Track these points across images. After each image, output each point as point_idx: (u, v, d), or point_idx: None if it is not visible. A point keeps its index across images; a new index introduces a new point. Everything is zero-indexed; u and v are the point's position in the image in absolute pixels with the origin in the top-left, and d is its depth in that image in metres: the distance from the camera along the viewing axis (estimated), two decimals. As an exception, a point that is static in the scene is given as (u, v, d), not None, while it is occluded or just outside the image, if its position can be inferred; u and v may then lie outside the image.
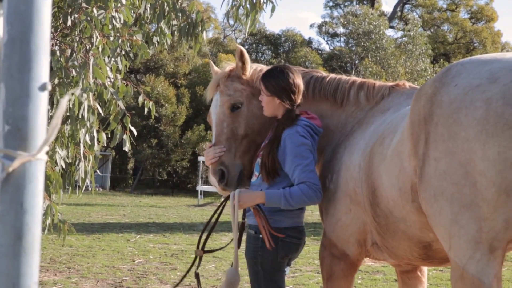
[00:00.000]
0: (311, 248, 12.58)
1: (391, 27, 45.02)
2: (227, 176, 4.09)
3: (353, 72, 38.11)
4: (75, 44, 5.54)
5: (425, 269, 4.28)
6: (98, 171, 5.85)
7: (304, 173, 3.76)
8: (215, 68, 4.53)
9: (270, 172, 3.85)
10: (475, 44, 53.29)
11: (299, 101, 3.96)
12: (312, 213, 22.78)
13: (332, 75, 4.33)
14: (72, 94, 4.92)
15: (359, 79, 4.29)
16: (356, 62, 38.99)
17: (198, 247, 4.05)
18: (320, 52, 47.85)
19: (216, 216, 4.08)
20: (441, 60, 42.62)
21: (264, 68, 4.31)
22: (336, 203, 3.84)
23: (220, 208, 4.07)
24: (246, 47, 49.27)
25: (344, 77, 4.31)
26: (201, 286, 4.02)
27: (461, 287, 2.63)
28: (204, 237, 4.08)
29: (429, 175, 2.70)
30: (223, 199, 4.04)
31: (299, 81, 3.97)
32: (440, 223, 2.68)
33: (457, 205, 2.56)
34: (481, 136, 2.48)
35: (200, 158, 26.86)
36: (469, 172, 2.51)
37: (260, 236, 3.80)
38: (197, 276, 4.00)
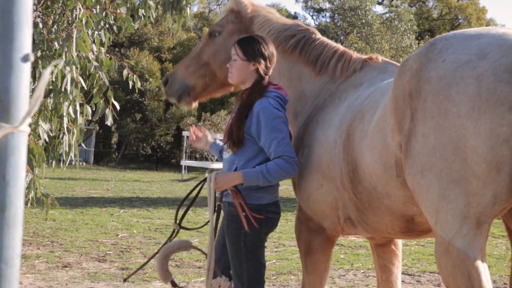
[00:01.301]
0: (294, 223, 12.64)
1: (379, 3, 44.90)
2: (169, 85, 4.51)
3: (338, 48, 38.15)
4: (58, 17, 5.48)
5: (399, 242, 4.30)
6: (82, 144, 5.81)
7: (280, 147, 3.72)
8: None
9: (236, 141, 3.81)
10: (460, 21, 53.30)
11: (270, 72, 3.94)
12: (296, 189, 22.87)
13: (322, 39, 4.33)
14: (55, 66, 4.87)
15: (342, 48, 4.28)
16: (342, 37, 38.87)
17: (175, 221, 4.11)
18: (305, 27, 47.72)
19: (194, 193, 4.09)
20: (426, 36, 42.62)
21: (274, 17, 4.57)
22: (307, 178, 3.87)
23: (197, 189, 4.09)
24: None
25: (330, 43, 4.32)
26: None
27: (446, 262, 2.65)
28: (182, 211, 4.15)
29: (416, 150, 2.69)
30: (201, 180, 4.04)
31: (275, 53, 3.96)
32: (427, 198, 2.68)
33: (446, 180, 2.57)
34: (473, 113, 2.49)
35: (185, 133, 26.84)
36: (459, 148, 2.52)
37: (244, 213, 3.75)
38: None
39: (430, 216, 2.71)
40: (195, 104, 4.61)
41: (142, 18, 6.22)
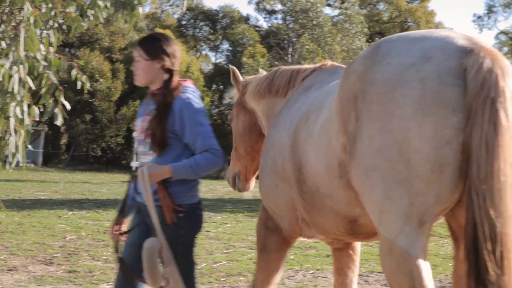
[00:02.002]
0: (245, 224, 12.67)
1: (328, 5, 45.27)
2: (227, 179, 5.31)
3: (290, 50, 38.25)
4: (5, 16, 5.38)
5: (358, 247, 4.36)
6: (29, 146, 5.71)
7: (206, 140, 3.80)
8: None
9: (161, 143, 3.80)
10: (410, 24, 54.13)
11: (177, 67, 4.03)
12: (247, 190, 22.90)
13: (285, 69, 4.71)
14: (1, 66, 4.79)
15: (303, 66, 4.60)
16: (294, 39, 39.07)
17: (112, 230, 3.99)
18: (257, 29, 47.76)
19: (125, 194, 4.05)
20: (377, 38, 43.10)
21: (259, 76, 5.03)
22: (265, 178, 4.00)
23: (129, 185, 4.02)
24: (184, 22, 48.86)
25: (293, 68, 4.67)
26: (127, 268, 3.87)
27: (389, 261, 2.69)
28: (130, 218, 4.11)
29: (361, 152, 2.70)
30: (129, 177, 4.02)
31: (178, 48, 4.10)
32: (371, 198, 2.71)
33: (390, 180, 2.59)
34: (417, 115, 2.52)
35: (135, 134, 26.52)
36: (404, 149, 2.55)
37: (180, 215, 3.78)
38: (120, 260, 3.91)
39: (375, 216, 2.74)
40: (251, 183, 5.24)
41: (92, 18, 6.15)
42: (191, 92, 3.91)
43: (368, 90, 2.70)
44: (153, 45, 3.91)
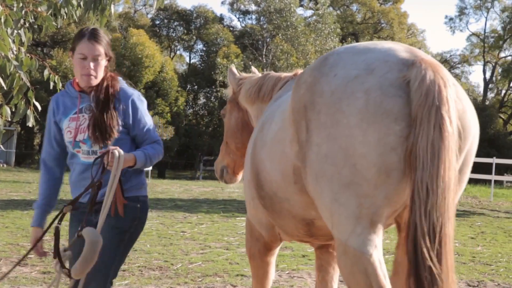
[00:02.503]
0: (220, 224, 12.64)
1: (301, 5, 45.37)
2: (216, 171, 5.49)
3: (264, 50, 38.28)
4: (-24, 14, 5.30)
5: None
6: (1, 146, 5.64)
7: (154, 132, 3.96)
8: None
9: (110, 133, 3.76)
10: (383, 25, 54.54)
11: None
12: (222, 190, 22.85)
13: (272, 75, 4.89)
14: (-28, 66, 4.72)
15: (288, 74, 4.78)
16: (268, 40, 39.10)
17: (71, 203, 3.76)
18: (232, 29, 47.75)
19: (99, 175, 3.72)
20: (349, 39, 43.36)
21: (253, 78, 5.06)
22: (245, 189, 4.03)
23: (101, 168, 3.70)
24: (157, 22, 48.66)
25: (281, 74, 4.86)
26: (58, 242, 3.68)
27: (345, 261, 2.78)
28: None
29: (311, 159, 2.84)
30: (98, 157, 3.72)
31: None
32: (322, 203, 2.83)
33: (336, 185, 2.73)
34: (362, 124, 2.66)
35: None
36: (349, 155, 2.68)
37: (138, 205, 3.86)
38: (56, 230, 3.72)
39: (327, 220, 2.85)
40: (238, 177, 5.41)
41: (65, 17, 6.09)
42: (124, 83, 4.01)
43: (316, 100, 2.83)
44: (107, 42, 3.95)
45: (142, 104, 3.94)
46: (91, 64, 3.78)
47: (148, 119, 3.95)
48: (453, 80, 2.80)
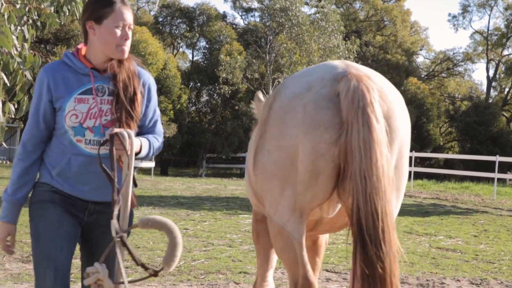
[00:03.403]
0: (223, 222, 12.64)
1: (306, 3, 45.33)
2: None
3: (267, 48, 38.26)
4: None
5: (319, 240, 4.83)
6: (4, 143, 5.64)
7: (160, 125, 3.67)
8: None
9: (134, 118, 3.41)
10: (386, 22, 54.49)
11: None
12: (225, 188, 22.85)
13: None
14: (-25, 62, 4.72)
15: None
16: (271, 37, 39.08)
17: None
18: (234, 26, 47.74)
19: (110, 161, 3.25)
20: (353, 37, 43.30)
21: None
22: (246, 179, 4.62)
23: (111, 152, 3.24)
24: (160, 19, 48.66)
25: None
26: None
27: (280, 241, 3.46)
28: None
29: (263, 162, 3.45)
30: (105, 141, 3.29)
31: None
32: (271, 195, 3.44)
33: (284, 183, 3.32)
34: (300, 134, 3.19)
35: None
36: (293, 161, 3.25)
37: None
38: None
39: (272, 208, 3.46)
40: None
41: (68, 14, 6.09)
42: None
43: (270, 115, 3.43)
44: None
45: (155, 93, 3.62)
46: (128, 33, 3.39)
47: (158, 110, 3.64)
48: (381, 85, 3.29)
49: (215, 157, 42.03)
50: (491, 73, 57.39)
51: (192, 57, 50.49)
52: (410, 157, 27.19)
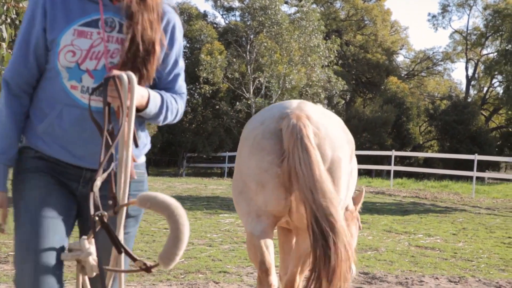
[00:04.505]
0: (204, 221, 12.64)
1: (286, 2, 45.38)
2: None
3: (248, 47, 38.26)
4: (-44, 10, 5.26)
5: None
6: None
7: (183, 82, 2.96)
8: None
9: (148, 78, 2.72)
10: (366, 22, 54.67)
11: None
12: (205, 187, 22.82)
13: None
14: (-48, 61, 4.67)
15: None
16: (251, 36, 39.07)
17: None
18: (215, 25, 47.66)
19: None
20: (333, 36, 43.42)
21: None
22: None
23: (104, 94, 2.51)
24: (140, 18, 48.34)
25: None
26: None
27: (246, 239, 4.32)
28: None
29: (233, 180, 4.44)
30: (98, 86, 2.58)
31: None
32: (235, 203, 4.41)
33: (237, 193, 4.28)
34: (249, 155, 4.14)
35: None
36: (243, 175, 4.20)
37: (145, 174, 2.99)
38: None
39: (239, 214, 4.41)
40: None
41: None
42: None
43: (241, 140, 4.39)
44: None
45: (181, 37, 2.89)
46: None
47: (182, 62, 2.91)
48: (316, 123, 4.10)
49: (195, 157, 41.95)
50: (470, 72, 57.83)
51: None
52: (390, 156, 27.33)
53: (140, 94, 2.58)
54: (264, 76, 36.49)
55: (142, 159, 2.98)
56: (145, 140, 2.96)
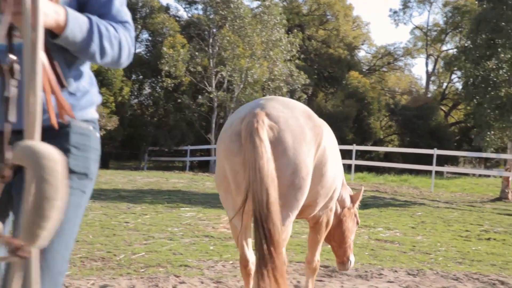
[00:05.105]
0: (165, 215, 12.59)
1: (248, -4, 45.33)
2: None
3: (210, 41, 38.16)
4: None
5: (323, 221, 5.64)
6: None
7: (122, 7, 2.47)
8: None
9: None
10: (328, 17, 54.90)
11: None
12: (166, 181, 22.72)
13: None
14: None
15: None
16: (214, 30, 38.95)
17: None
18: (178, 19, 47.40)
19: None
20: (295, 31, 43.53)
21: None
22: None
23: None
24: (102, 10, 47.85)
25: None
26: None
27: (231, 229, 5.03)
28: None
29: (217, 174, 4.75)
30: None
31: None
32: (222, 200, 4.78)
33: (224, 192, 4.66)
34: (224, 158, 4.46)
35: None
36: (225, 176, 4.53)
37: (91, 128, 2.50)
38: None
39: (225, 208, 4.86)
40: None
41: None
42: None
43: (217, 141, 4.70)
44: None
45: None
46: None
47: None
48: (276, 118, 4.36)
49: (157, 150, 41.70)
50: (430, 68, 58.60)
51: (135, 50, 49.99)
52: (351, 150, 27.55)
53: (52, 9, 2.00)
54: (227, 70, 36.40)
55: (87, 114, 2.49)
56: (87, 86, 2.50)
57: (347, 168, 27.67)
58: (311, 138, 4.50)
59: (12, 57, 1.83)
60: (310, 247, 5.81)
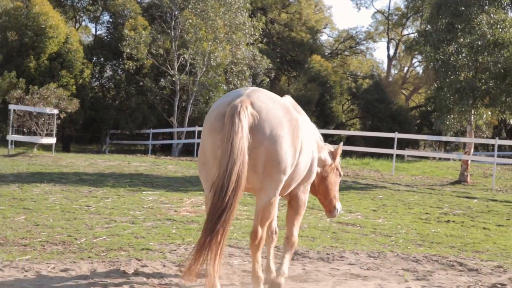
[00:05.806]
0: (126, 199, 12.52)
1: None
2: None
3: (172, 23, 37.85)
4: None
5: (299, 198, 6.30)
6: None
7: None
8: None
9: None
10: (291, 0, 54.89)
11: None
12: (128, 164, 22.56)
13: None
14: None
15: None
16: (176, 13, 38.60)
17: None
18: (139, 1, 46.89)
19: None
20: (259, 14, 43.39)
21: None
22: None
23: None
24: (62, -9, 47.15)
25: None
26: None
27: (205, 200, 5.57)
28: None
29: (200, 150, 5.42)
30: None
31: None
32: (200, 173, 5.50)
33: (201, 164, 5.39)
34: (207, 134, 5.25)
35: (11, 107, 25.63)
36: (204, 150, 5.29)
37: None
38: None
39: (202, 181, 5.54)
40: None
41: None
42: None
43: (204, 120, 5.45)
44: None
45: None
46: None
47: None
48: (259, 107, 5.17)
49: (119, 133, 41.31)
50: (391, 52, 59.02)
51: (96, 32, 49.27)
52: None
53: None
54: (189, 53, 36.15)
55: None
56: None
57: (309, 152, 27.63)
58: (288, 130, 5.26)
59: None
60: (288, 224, 6.41)
